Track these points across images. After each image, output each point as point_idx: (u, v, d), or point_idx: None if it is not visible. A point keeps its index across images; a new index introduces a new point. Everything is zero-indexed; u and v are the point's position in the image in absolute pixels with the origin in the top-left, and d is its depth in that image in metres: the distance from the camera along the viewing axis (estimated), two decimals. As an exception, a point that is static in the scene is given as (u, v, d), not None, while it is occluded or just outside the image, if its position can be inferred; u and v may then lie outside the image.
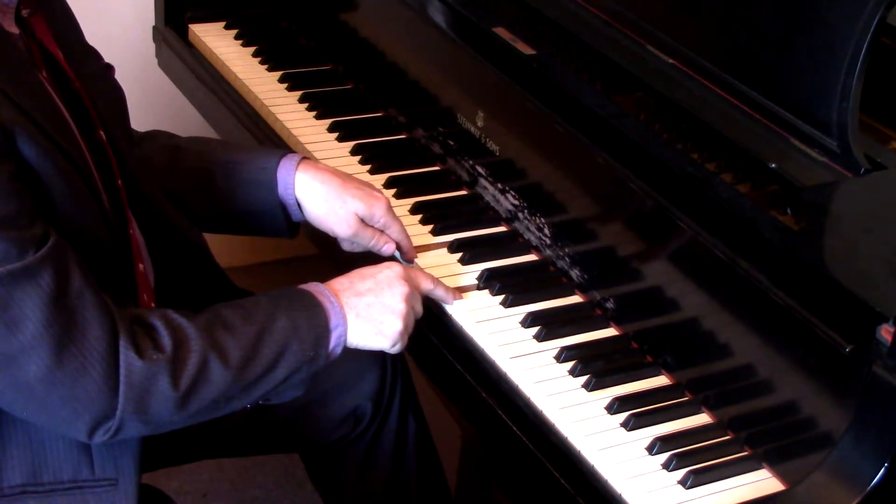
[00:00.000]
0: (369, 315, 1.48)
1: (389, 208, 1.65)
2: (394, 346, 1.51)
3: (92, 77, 1.50)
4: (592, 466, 1.40)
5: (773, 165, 1.50)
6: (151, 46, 2.33)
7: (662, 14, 1.69)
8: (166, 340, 1.34)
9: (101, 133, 1.46)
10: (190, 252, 1.64)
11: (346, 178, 1.66)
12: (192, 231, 1.66)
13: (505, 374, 1.52)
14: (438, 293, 1.59)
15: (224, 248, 1.73)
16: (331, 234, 1.66)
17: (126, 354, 1.30)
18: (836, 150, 1.48)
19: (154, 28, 2.33)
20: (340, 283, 1.51)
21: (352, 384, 1.76)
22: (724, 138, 1.56)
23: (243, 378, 1.38)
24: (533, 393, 1.48)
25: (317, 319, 1.45)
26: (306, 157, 1.67)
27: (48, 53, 1.41)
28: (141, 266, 1.52)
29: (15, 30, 1.36)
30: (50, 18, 1.44)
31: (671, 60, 1.67)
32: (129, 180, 1.50)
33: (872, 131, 1.63)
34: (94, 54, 1.58)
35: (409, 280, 1.53)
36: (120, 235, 1.44)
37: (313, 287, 1.49)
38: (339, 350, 1.48)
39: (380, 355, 1.77)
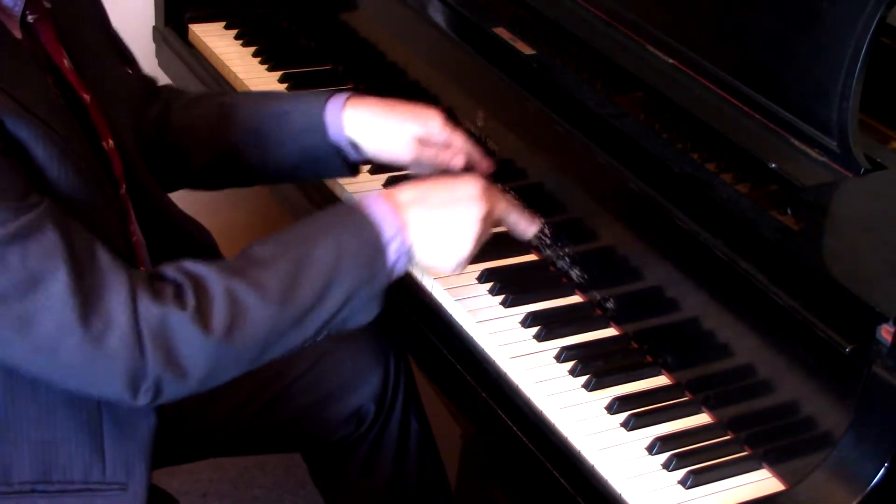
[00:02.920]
0: (437, 231, 1.41)
1: (446, 121, 1.60)
2: (456, 269, 1.44)
3: (106, 83, 1.49)
4: (592, 466, 1.40)
5: (773, 165, 1.50)
6: (151, 46, 2.33)
7: (662, 14, 1.69)
8: (185, 287, 1.29)
9: (109, 141, 1.45)
10: (196, 252, 1.64)
11: (393, 103, 1.61)
12: (202, 233, 1.66)
13: (505, 374, 1.52)
14: (512, 220, 1.50)
15: (231, 245, 1.72)
16: (396, 164, 1.62)
17: (144, 304, 1.26)
18: (836, 150, 1.48)
19: (154, 28, 2.33)
20: (408, 193, 1.42)
21: (355, 385, 1.76)
22: (724, 138, 1.56)
23: (290, 311, 1.33)
24: (533, 393, 1.48)
25: (366, 235, 1.37)
26: (354, 94, 1.63)
27: (52, 64, 1.40)
28: (143, 269, 1.52)
29: (18, 35, 1.35)
30: (62, 24, 1.43)
31: (671, 60, 1.67)
32: (135, 187, 1.50)
33: (872, 131, 1.63)
34: (117, 52, 1.58)
35: (488, 199, 1.43)
36: (121, 239, 1.43)
37: (367, 199, 1.41)
38: (402, 264, 1.41)
39: (383, 356, 1.77)
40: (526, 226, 1.51)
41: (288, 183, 1.87)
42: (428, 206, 1.41)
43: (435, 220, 1.41)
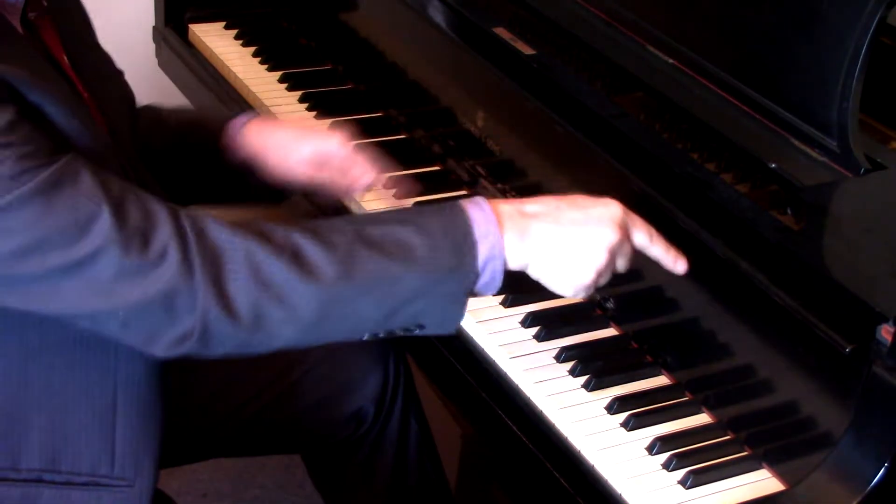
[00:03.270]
0: (559, 250, 1.31)
1: (347, 140, 1.56)
2: (574, 294, 1.35)
3: (103, 83, 1.49)
4: (592, 466, 1.40)
5: (773, 165, 1.50)
6: (151, 46, 2.33)
7: (662, 14, 1.69)
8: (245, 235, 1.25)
9: (108, 139, 1.45)
10: None
11: (294, 123, 1.62)
12: None
13: (505, 374, 1.52)
14: (655, 252, 1.37)
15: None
16: (290, 185, 1.59)
17: (190, 237, 1.23)
18: (836, 150, 1.48)
19: (154, 28, 2.33)
20: (535, 205, 1.33)
21: (355, 386, 1.76)
22: (724, 138, 1.56)
23: (356, 276, 1.25)
24: (533, 393, 1.48)
25: (456, 223, 1.27)
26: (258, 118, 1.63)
27: (53, 59, 1.40)
28: None
29: (20, 31, 1.35)
30: (61, 22, 1.43)
31: (671, 60, 1.67)
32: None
33: (872, 131, 1.63)
34: (106, 59, 1.58)
35: (625, 227, 1.34)
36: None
37: (469, 201, 1.31)
38: (497, 268, 1.29)
39: (383, 357, 1.77)
40: (672, 262, 1.39)
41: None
42: (555, 220, 1.32)
43: (559, 238, 1.31)
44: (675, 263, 1.39)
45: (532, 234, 1.31)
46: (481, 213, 1.30)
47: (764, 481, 1.39)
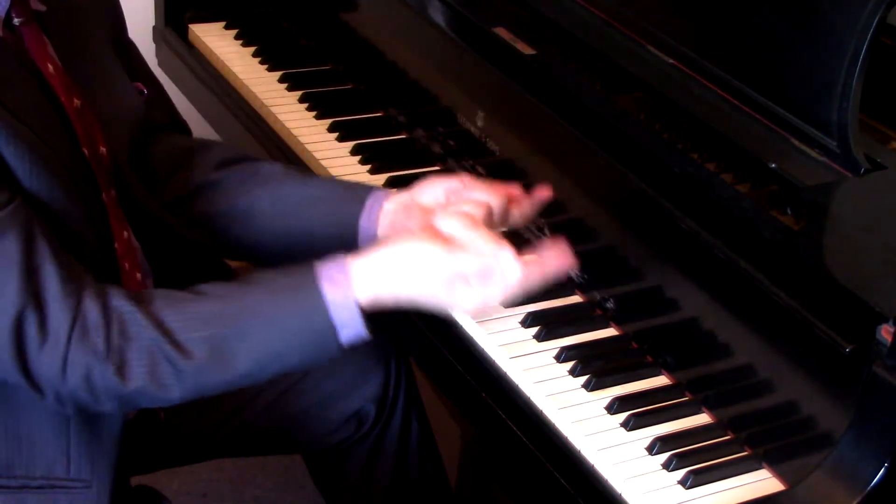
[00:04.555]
0: (391, 268, 1.34)
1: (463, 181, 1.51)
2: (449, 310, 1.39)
3: (104, 92, 1.49)
4: (592, 466, 1.40)
5: (773, 165, 1.50)
6: (151, 46, 2.33)
7: (662, 14, 1.69)
8: (111, 334, 1.29)
9: (101, 149, 1.45)
10: (196, 256, 1.63)
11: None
12: (200, 237, 1.65)
13: (505, 374, 1.52)
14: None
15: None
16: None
17: (75, 342, 1.28)
18: (836, 150, 1.48)
19: (154, 28, 2.34)
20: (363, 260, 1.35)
21: (355, 386, 1.76)
22: (724, 138, 1.56)
23: (216, 376, 1.33)
24: (533, 393, 1.48)
25: (315, 323, 1.33)
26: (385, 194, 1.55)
27: (35, 65, 1.40)
28: (138, 275, 1.52)
29: (1, 34, 1.35)
30: (57, 29, 1.43)
31: (671, 60, 1.67)
32: (126, 195, 1.50)
33: (872, 131, 1.63)
34: (117, 69, 1.56)
35: (439, 237, 1.35)
36: (97, 242, 1.43)
37: (321, 275, 1.34)
38: (360, 337, 1.35)
39: (384, 357, 1.77)
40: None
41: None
42: (379, 259, 1.36)
43: (384, 259, 1.35)
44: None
45: (376, 269, 1.35)
46: (337, 295, 1.32)
47: (764, 481, 1.39)
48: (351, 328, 1.34)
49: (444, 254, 1.33)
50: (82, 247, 1.37)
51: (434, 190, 1.51)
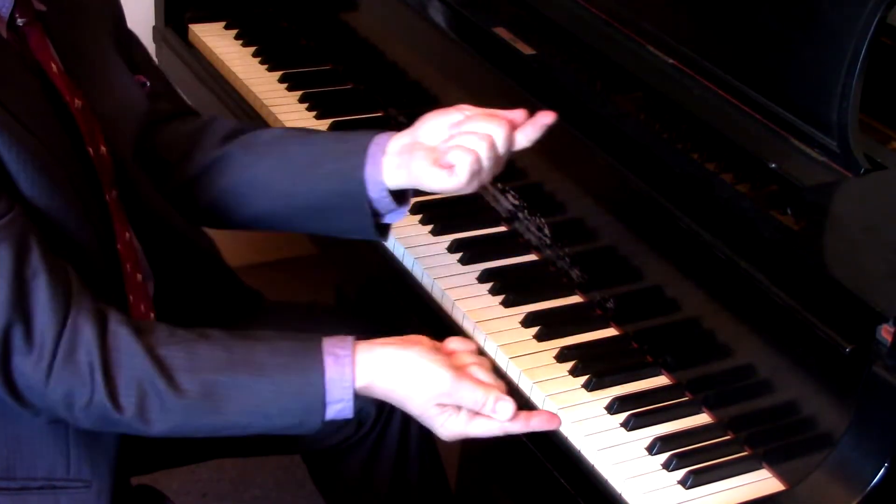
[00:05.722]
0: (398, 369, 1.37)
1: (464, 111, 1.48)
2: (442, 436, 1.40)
3: (106, 91, 1.48)
4: (592, 466, 1.40)
5: (773, 165, 1.50)
6: (151, 46, 2.33)
7: (662, 14, 1.69)
8: (105, 360, 1.30)
9: (102, 148, 1.45)
10: (198, 258, 1.63)
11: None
12: (201, 236, 1.65)
13: (504, 373, 1.52)
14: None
15: (225, 249, 1.72)
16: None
17: (63, 358, 1.29)
18: (836, 150, 1.48)
19: (154, 28, 2.34)
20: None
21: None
22: (724, 138, 1.56)
23: (203, 421, 1.36)
24: (532, 393, 1.48)
25: (308, 397, 1.36)
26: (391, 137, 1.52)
27: (39, 65, 1.40)
28: (139, 276, 1.52)
29: (5, 35, 1.35)
30: (57, 29, 1.43)
31: (671, 60, 1.67)
32: (130, 195, 1.50)
33: (872, 131, 1.63)
34: (120, 67, 1.56)
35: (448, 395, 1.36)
36: (106, 246, 1.43)
37: (331, 348, 1.37)
38: (343, 417, 1.39)
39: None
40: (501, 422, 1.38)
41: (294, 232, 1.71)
42: (387, 356, 1.38)
43: (391, 359, 1.37)
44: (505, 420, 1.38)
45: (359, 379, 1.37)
46: (338, 378, 1.35)
47: (764, 481, 1.39)
48: (338, 408, 1.37)
49: (450, 382, 1.35)
50: (82, 250, 1.37)
51: (436, 126, 1.50)
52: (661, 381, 1.52)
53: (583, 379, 1.50)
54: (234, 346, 1.36)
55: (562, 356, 1.53)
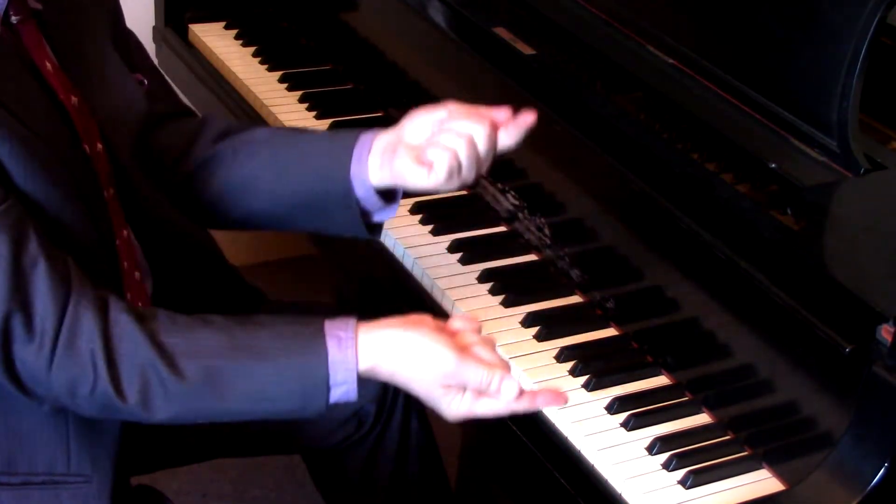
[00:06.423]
0: (400, 347, 1.36)
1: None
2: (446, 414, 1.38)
3: (102, 89, 1.49)
4: (592, 466, 1.40)
5: (773, 165, 1.50)
6: (151, 46, 2.33)
7: (662, 14, 1.69)
8: (107, 348, 1.30)
9: (98, 146, 1.45)
10: (198, 255, 1.63)
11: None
12: (204, 239, 1.65)
13: (505, 374, 1.52)
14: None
15: (226, 249, 1.72)
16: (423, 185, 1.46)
17: (64, 346, 1.29)
18: (836, 150, 1.48)
19: (154, 28, 2.33)
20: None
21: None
22: (724, 138, 1.56)
23: (206, 405, 1.34)
24: (533, 393, 1.48)
25: (312, 379, 1.35)
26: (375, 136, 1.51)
27: (33, 63, 1.40)
28: (137, 274, 1.52)
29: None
30: (53, 26, 1.43)
31: (671, 60, 1.67)
32: (127, 193, 1.50)
33: (872, 131, 1.63)
34: (117, 65, 1.56)
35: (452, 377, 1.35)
36: (98, 241, 1.43)
37: (334, 330, 1.36)
38: (347, 399, 1.38)
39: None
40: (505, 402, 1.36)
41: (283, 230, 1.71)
42: (390, 337, 1.37)
43: (395, 340, 1.36)
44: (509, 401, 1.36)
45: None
46: (341, 359, 1.34)
47: (764, 481, 1.39)
48: (342, 390, 1.36)
49: (454, 362, 1.34)
50: (80, 246, 1.37)
51: (421, 124, 1.49)
52: (661, 381, 1.52)
53: (583, 379, 1.50)
54: (235, 331, 1.36)
55: (562, 356, 1.53)
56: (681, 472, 1.38)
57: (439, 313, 1.62)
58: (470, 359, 1.34)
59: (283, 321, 1.39)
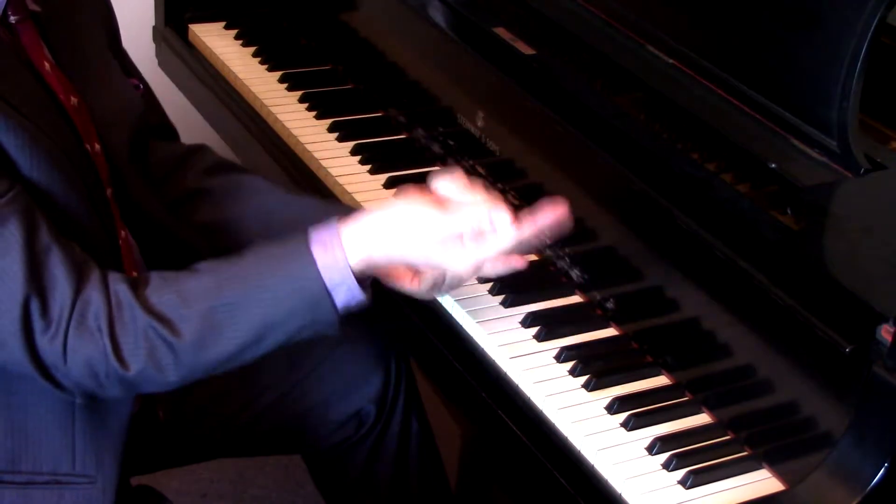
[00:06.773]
0: (384, 229, 1.34)
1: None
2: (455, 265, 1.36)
3: (101, 90, 1.49)
4: (592, 466, 1.40)
5: (773, 165, 1.50)
6: (151, 46, 2.33)
7: (662, 14, 1.69)
8: (113, 321, 1.30)
9: (96, 146, 1.45)
10: (193, 259, 1.63)
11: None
12: (198, 241, 1.65)
13: (505, 374, 1.52)
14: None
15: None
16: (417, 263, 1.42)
17: (75, 328, 1.29)
18: (836, 150, 1.48)
19: (154, 28, 2.33)
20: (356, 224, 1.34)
21: (355, 386, 1.76)
22: (724, 138, 1.56)
23: (212, 352, 1.33)
24: (533, 393, 1.48)
25: (308, 288, 1.32)
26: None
27: (32, 64, 1.40)
28: (135, 274, 1.52)
29: None
30: (52, 27, 1.43)
31: (671, 60, 1.67)
32: (123, 193, 1.50)
33: (872, 131, 1.63)
34: (113, 67, 1.56)
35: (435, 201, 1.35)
36: (103, 235, 1.43)
37: (317, 235, 1.34)
38: (356, 300, 1.35)
39: (384, 357, 1.77)
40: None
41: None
42: (372, 221, 1.36)
43: (376, 221, 1.35)
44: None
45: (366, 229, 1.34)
46: (330, 259, 1.32)
47: (764, 481, 1.39)
48: (344, 291, 1.33)
49: (438, 214, 1.33)
50: (86, 238, 1.37)
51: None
52: (661, 381, 1.52)
53: (583, 379, 1.50)
54: (221, 269, 1.35)
55: (562, 356, 1.53)
56: (681, 472, 1.38)
57: (439, 313, 1.62)
58: (452, 206, 1.33)
59: (266, 243, 1.37)
